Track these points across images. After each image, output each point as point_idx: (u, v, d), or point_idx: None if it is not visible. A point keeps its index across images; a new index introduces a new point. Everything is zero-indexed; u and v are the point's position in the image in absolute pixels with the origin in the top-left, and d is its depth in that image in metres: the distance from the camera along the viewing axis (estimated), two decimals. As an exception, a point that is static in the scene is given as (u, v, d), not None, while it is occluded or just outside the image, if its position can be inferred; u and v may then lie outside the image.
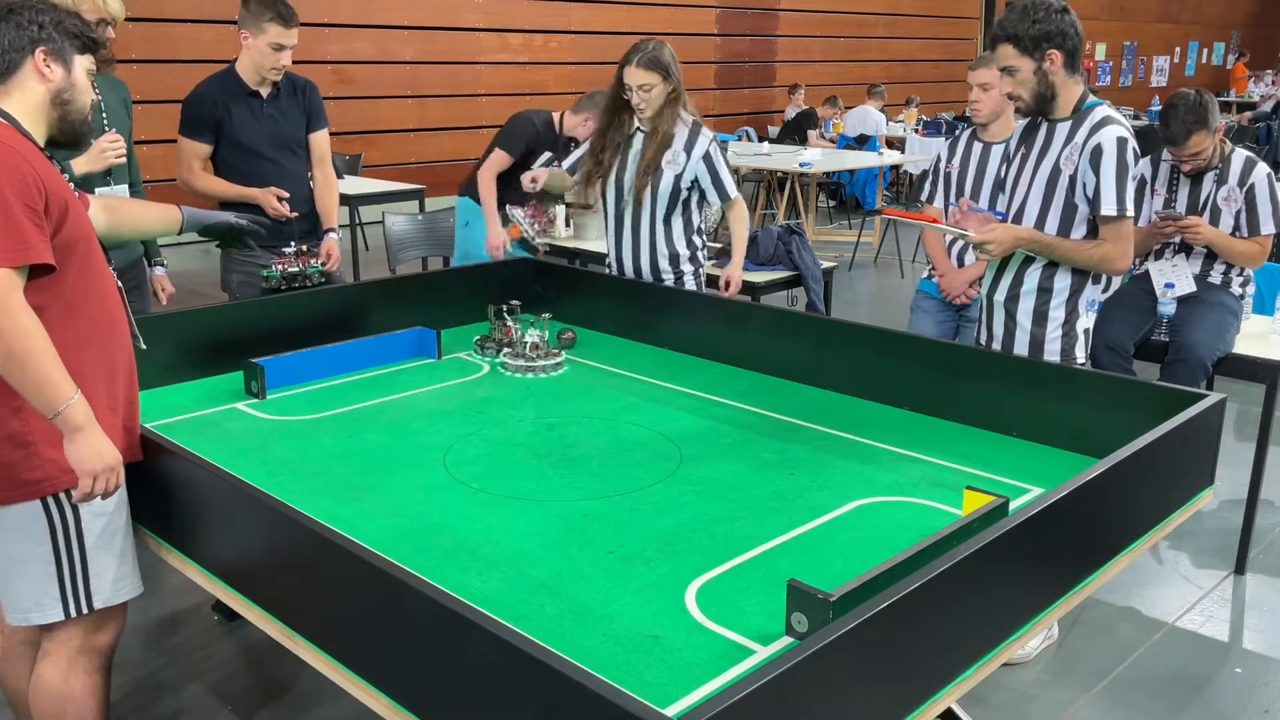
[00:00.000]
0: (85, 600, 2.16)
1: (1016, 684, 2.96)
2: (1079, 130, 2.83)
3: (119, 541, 2.21)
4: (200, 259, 8.67)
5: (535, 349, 3.12)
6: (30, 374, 1.91)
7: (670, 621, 1.79)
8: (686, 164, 3.49)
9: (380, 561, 1.65)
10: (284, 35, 3.51)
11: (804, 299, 4.82)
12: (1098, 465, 1.97)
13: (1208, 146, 3.63)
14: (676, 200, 3.54)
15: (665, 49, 3.40)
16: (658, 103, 3.41)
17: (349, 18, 9.94)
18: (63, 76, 2.12)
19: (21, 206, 1.91)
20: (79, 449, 2.00)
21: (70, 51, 2.13)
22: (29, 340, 1.89)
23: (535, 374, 3.08)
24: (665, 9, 12.67)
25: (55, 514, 2.11)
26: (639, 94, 3.38)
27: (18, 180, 1.91)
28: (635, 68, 3.36)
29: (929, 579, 1.57)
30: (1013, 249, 2.87)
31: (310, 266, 3.45)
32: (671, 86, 3.41)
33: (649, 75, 3.36)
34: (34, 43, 2.08)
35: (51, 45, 2.09)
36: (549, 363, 3.12)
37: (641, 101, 3.40)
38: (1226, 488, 3.95)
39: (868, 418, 2.79)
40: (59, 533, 2.11)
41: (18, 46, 2.06)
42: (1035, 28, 2.78)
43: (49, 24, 2.09)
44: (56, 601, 2.13)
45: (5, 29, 2.06)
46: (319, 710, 2.81)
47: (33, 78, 2.09)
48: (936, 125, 12.99)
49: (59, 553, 2.12)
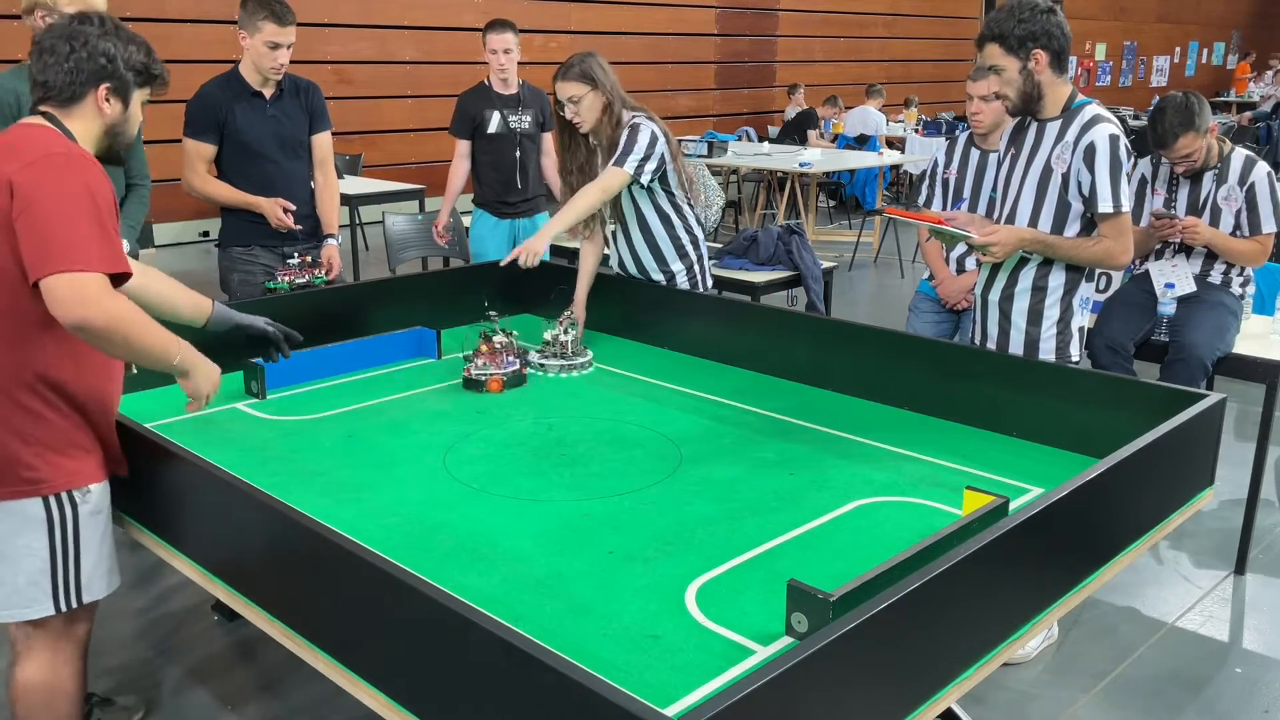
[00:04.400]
0: (75, 596, 2.20)
1: (1016, 684, 2.96)
2: (1069, 129, 2.84)
3: (107, 537, 2.27)
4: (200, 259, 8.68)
5: (570, 347, 3.17)
6: (139, 347, 2.06)
7: (670, 621, 1.79)
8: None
9: (380, 561, 1.65)
10: (279, 34, 3.52)
11: (804, 299, 4.82)
12: (1098, 465, 1.97)
13: (1198, 148, 3.64)
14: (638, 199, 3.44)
15: (592, 59, 3.28)
16: (592, 115, 3.28)
17: (349, 18, 9.95)
18: (119, 112, 2.22)
19: (110, 221, 2.05)
20: (195, 383, 2.25)
21: (132, 88, 2.22)
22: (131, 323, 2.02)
23: (578, 371, 3.14)
24: (665, 9, 12.67)
25: (55, 513, 2.14)
26: (570, 108, 3.28)
27: (105, 194, 2.06)
28: (560, 81, 3.27)
29: (929, 579, 1.57)
30: (1016, 250, 2.87)
31: (316, 277, 3.48)
32: (604, 97, 3.27)
33: (575, 87, 3.24)
34: (99, 79, 2.16)
35: (115, 83, 2.18)
36: (585, 359, 3.18)
37: (575, 115, 3.28)
38: (1226, 488, 3.95)
39: (868, 418, 2.79)
40: (57, 531, 2.15)
41: (83, 80, 2.15)
42: (1021, 27, 2.79)
43: (118, 59, 2.17)
44: (48, 596, 2.17)
45: (77, 59, 2.13)
46: (319, 710, 2.81)
47: (92, 109, 2.18)
48: (936, 125, 13.00)
49: (54, 550, 2.16)
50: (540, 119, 4.97)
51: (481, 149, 4.89)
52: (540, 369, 3.14)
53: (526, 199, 4.98)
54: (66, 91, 2.14)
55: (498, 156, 4.87)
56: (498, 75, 4.82)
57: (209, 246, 8.97)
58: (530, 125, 4.92)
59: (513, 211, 4.96)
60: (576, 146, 3.42)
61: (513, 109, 4.86)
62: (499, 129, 4.85)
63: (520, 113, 4.88)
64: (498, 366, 3.00)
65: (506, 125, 4.85)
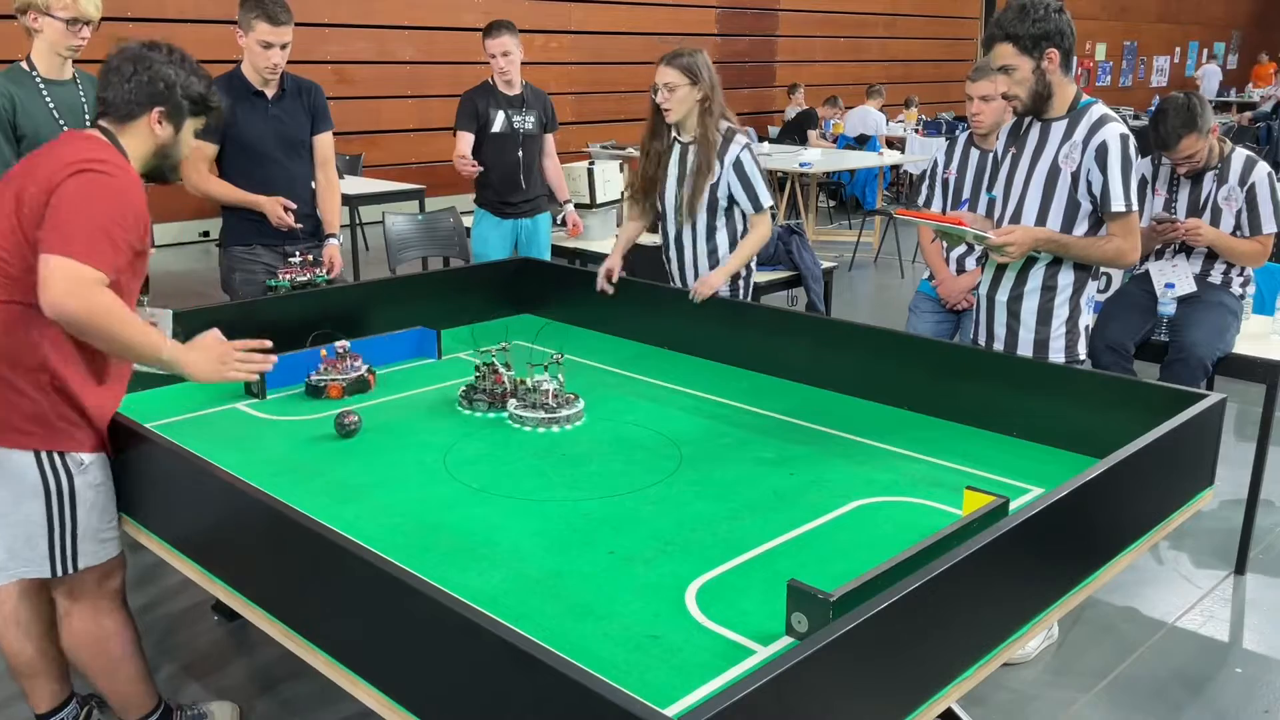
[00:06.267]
0: (72, 561, 2.31)
1: (1016, 684, 2.96)
2: (1077, 128, 2.83)
3: (108, 509, 2.36)
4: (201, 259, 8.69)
5: (555, 397, 2.75)
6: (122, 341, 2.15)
7: (670, 621, 1.79)
8: (720, 173, 3.45)
9: (380, 561, 1.65)
10: (271, 33, 3.52)
11: (804, 299, 4.82)
12: (1098, 465, 1.97)
13: (1200, 149, 3.64)
14: (716, 210, 3.49)
15: (700, 56, 3.40)
16: (683, 107, 3.38)
17: (349, 18, 9.95)
18: (170, 136, 2.35)
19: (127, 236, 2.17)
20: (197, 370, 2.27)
21: (185, 115, 2.35)
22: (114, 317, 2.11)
23: (560, 426, 2.69)
24: (665, 9, 12.67)
25: (51, 476, 2.24)
26: (664, 92, 3.37)
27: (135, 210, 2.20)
28: (664, 66, 3.38)
29: (929, 579, 1.57)
30: (1031, 249, 2.87)
31: (317, 276, 3.49)
32: (702, 93, 3.38)
33: (675, 75, 3.35)
34: (154, 101, 2.30)
35: (169, 108, 2.31)
36: (572, 411, 2.73)
37: (666, 101, 3.38)
38: (1226, 488, 3.95)
39: (868, 418, 2.79)
40: (53, 495, 2.25)
41: (140, 100, 2.29)
42: (1036, 26, 2.78)
43: (176, 86, 2.31)
44: (45, 559, 2.29)
45: (138, 80, 2.28)
46: (319, 710, 2.81)
47: (145, 129, 2.31)
48: (936, 125, 12.99)
49: (51, 513, 2.26)
50: (544, 120, 4.97)
51: (485, 148, 4.89)
52: (518, 422, 2.72)
53: (528, 199, 4.97)
54: (123, 109, 2.28)
55: (500, 156, 4.87)
56: (500, 77, 4.82)
57: (209, 246, 8.97)
58: (533, 126, 4.92)
59: (515, 211, 4.96)
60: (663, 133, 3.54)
61: (516, 109, 4.86)
62: (503, 128, 4.85)
63: (524, 113, 4.88)
64: (339, 373, 2.94)
65: (510, 125, 4.85)
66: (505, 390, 2.82)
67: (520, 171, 4.89)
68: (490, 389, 2.82)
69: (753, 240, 3.51)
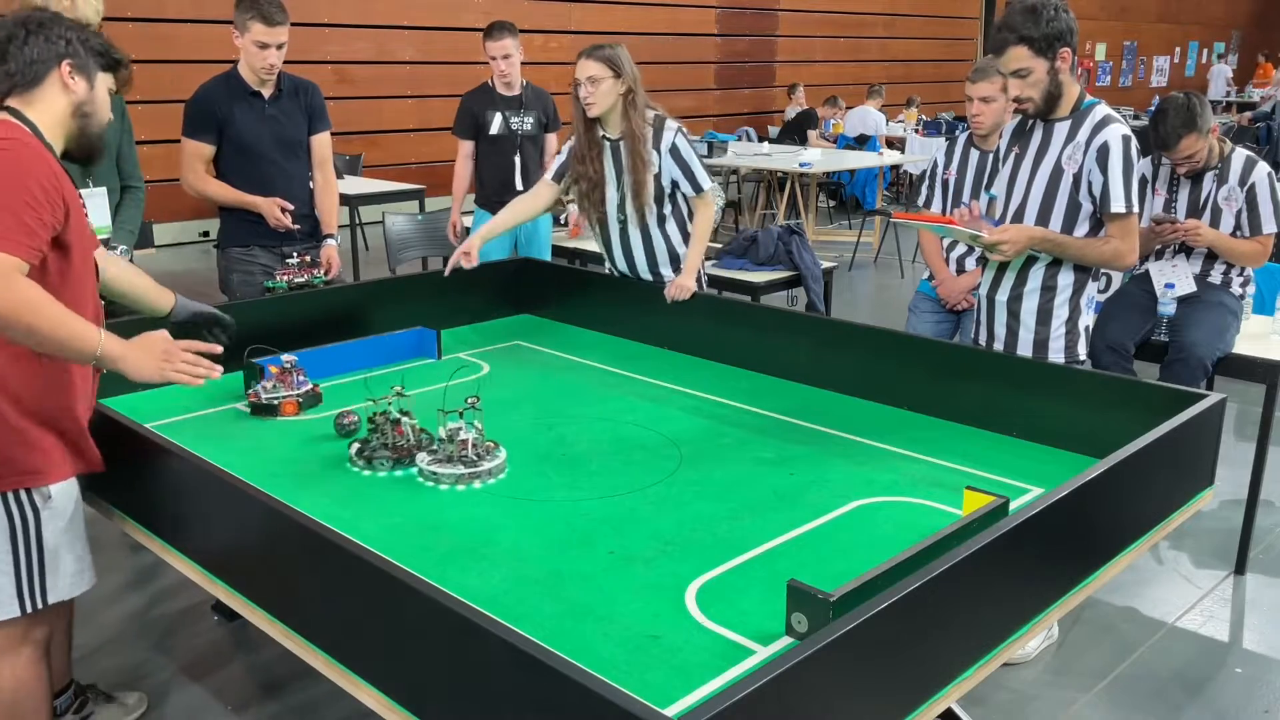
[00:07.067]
0: (41, 597, 2.19)
1: (1016, 684, 2.96)
2: (1080, 129, 2.83)
3: (76, 539, 2.24)
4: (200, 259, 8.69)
5: (474, 447, 2.40)
6: (48, 336, 1.97)
7: (670, 621, 1.79)
8: (660, 161, 3.41)
9: (380, 561, 1.65)
10: (266, 34, 3.51)
11: (804, 299, 4.82)
12: (1098, 465, 1.97)
13: (1201, 148, 3.64)
14: (663, 199, 3.47)
15: (621, 49, 3.33)
16: (607, 100, 3.31)
17: (349, 18, 9.95)
18: (85, 90, 2.22)
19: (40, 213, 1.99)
20: (137, 367, 2.09)
21: (94, 68, 2.24)
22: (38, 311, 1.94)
23: (482, 480, 2.36)
24: (665, 9, 12.67)
25: (15, 513, 2.12)
26: (586, 86, 3.31)
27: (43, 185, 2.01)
28: (585, 59, 3.31)
29: (929, 579, 1.57)
30: (1026, 249, 2.86)
31: (315, 277, 3.48)
32: (626, 86, 3.32)
33: (599, 68, 3.28)
34: (60, 56, 2.18)
35: (77, 60, 2.21)
36: (494, 463, 2.39)
37: (589, 95, 3.31)
38: (1226, 488, 3.94)
39: (868, 418, 2.79)
40: (18, 532, 2.13)
41: (44, 59, 2.16)
42: (1049, 27, 2.75)
43: (75, 40, 2.20)
44: (13, 599, 2.15)
45: (34, 41, 2.16)
46: (319, 710, 2.81)
47: (56, 88, 2.18)
48: (936, 125, 12.99)
49: (17, 552, 2.14)
50: (544, 120, 4.97)
51: (483, 149, 4.90)
52: (431, 480, 2.36)
53: None
54: (29, 72, 2.15)
55: (498, 157, 4.88)
56: (500, 79, 4.83)
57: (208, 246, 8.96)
58: (532, 127, 4.92)
59: (513, 211, 4.96)
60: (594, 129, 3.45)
61: (514, 110, 4.87)
62: (500, 130, 4.86)
63: (522, 114, 4.89)
64: (289, 388, 2.78)
65: (508, 126, 4.86)
66: (409, 443, 2.46)
67: (517, 172, 4.90)
68: (393, 442, 2.46)
69: (702, 226, 3.48)
